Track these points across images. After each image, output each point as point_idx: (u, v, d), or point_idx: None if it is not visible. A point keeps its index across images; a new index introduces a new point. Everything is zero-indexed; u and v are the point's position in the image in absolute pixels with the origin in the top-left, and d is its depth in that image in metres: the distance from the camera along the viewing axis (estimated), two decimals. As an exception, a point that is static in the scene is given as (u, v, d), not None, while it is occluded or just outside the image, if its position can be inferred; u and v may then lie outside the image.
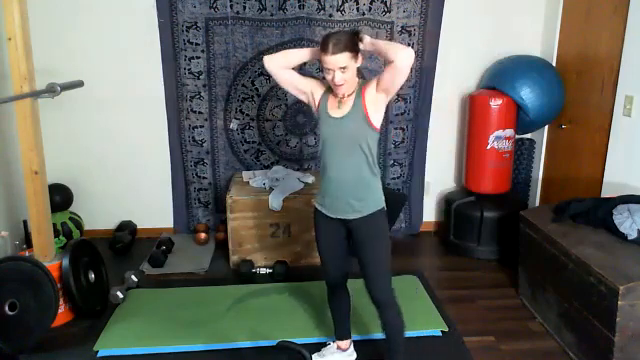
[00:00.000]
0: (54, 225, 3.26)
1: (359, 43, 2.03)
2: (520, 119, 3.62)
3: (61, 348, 2.67)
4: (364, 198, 2.13)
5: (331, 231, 2.25)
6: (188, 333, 2.77)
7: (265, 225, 3.50)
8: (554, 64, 3.71)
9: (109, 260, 3.49)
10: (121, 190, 4.00)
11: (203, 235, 3.91)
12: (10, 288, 2.51)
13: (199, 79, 3.78)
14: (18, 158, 2.93)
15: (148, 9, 3.61)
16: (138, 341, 2.71)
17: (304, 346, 2.32)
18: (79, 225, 3.81)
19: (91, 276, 2.98)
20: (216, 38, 3.69)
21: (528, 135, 4.01)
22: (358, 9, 3.67)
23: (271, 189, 3.55)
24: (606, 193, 3.03)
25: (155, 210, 4.08)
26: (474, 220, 3.66)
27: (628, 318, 2.20)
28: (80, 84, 2.88)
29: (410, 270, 3.46)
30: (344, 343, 2.54)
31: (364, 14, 3.69)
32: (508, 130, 3.59)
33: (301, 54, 2.18)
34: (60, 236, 3.39)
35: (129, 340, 2.72)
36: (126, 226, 3.96)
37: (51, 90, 2.65)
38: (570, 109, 3.53)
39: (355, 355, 2.58)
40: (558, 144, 3.72)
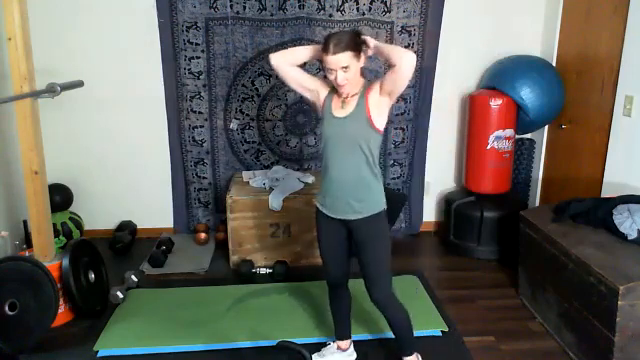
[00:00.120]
0: (54, 225, 3.26)
1: (364, 47, 2.04)
2: (520, 119, 3.62)
3: (61, 348, 2.67)
4: (364, 199, 2.13)
5: (332, 231, 2.25)
6: (188, 333, 2.77)
7: (265, 225, 3.50)
8: (554, 64, 3.71)
9: (109, 260, 3.49)
10: (121, 190, 4.00)
11: (203, 235, 3.91)
12: (10, 288, 2.50)
13: (199, 79, 3.78)
14: (18, 158, 2.93)
15: (148, 9, 3.61)
16: (138, 341, 2.71)
17: (304, 346, 2.32)
18: (79, 225, 3.81)
19: (91, 276, 2.98)
20: (216, 38, 3.69)
21: (528, 135, 4.01)
22: (358, 9, 3.67)
23: (271, 189, 3.55)
24: (606, 193, 3.03)
25: (155, 210, 4.08)
26: (474, 220, 3.66)
27: (628, 318, 2.20)
28: (80, 84, 2.88)
29: (410, 270, 3.46)
30: (344, 343, 2.54)
31: (364, 14, 3.69)
32: (508, 130, 3.59)
33: (307, 51, 2.18)
34: (60, 236, 3.39)
35: (129, 340, 2.72)
36: (126, 226, 3.96)
37: (51, 90, 2.65)
38: (570, 109, 3.53)
39: (355, 355, 2.58)
40: (558, 144, 3.72)
